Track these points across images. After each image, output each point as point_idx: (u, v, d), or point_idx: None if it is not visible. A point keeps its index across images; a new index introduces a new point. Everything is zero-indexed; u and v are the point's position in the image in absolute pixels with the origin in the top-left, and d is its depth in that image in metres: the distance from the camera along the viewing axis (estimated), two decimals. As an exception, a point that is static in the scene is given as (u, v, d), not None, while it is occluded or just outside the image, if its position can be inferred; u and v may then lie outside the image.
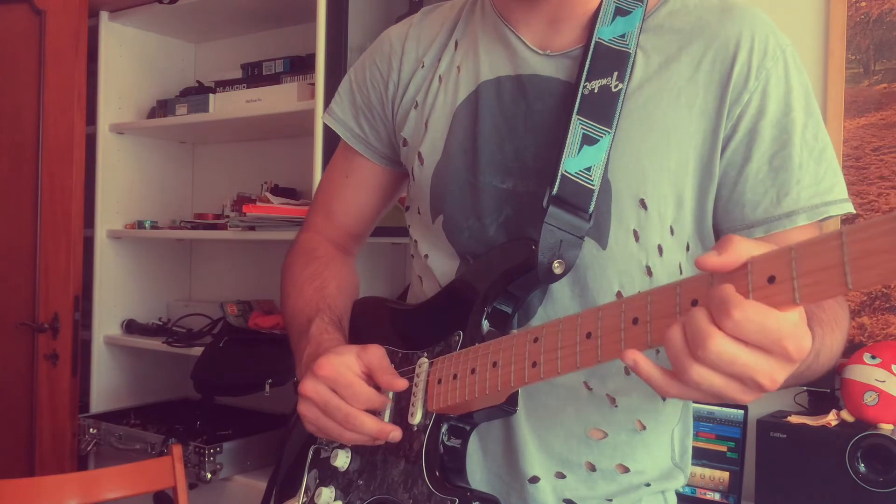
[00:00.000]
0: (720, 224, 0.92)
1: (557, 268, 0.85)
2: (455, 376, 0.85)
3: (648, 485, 0.94)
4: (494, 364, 0.80)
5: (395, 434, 0.87)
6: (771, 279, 0.57)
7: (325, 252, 1.13)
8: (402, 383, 0.88)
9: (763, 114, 0.87)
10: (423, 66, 1.03)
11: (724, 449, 1.73)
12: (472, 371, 0.83)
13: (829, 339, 0.79)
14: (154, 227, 2.82)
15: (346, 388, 0.86)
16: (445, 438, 0.87)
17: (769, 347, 0.58)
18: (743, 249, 0.60)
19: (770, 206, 0.87)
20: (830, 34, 1.80)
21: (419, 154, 1.00)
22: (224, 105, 2.57)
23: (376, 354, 0.89)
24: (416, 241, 1.03)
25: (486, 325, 0.87)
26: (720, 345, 0.58)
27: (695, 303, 0.63)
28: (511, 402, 0.83)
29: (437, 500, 0.82)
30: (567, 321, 0.74)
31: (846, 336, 0.85)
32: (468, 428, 0.88)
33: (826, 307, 0.81)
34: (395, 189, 1.14)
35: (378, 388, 0.89)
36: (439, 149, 0.97)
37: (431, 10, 1.08)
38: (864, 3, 1.79)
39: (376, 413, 0.89)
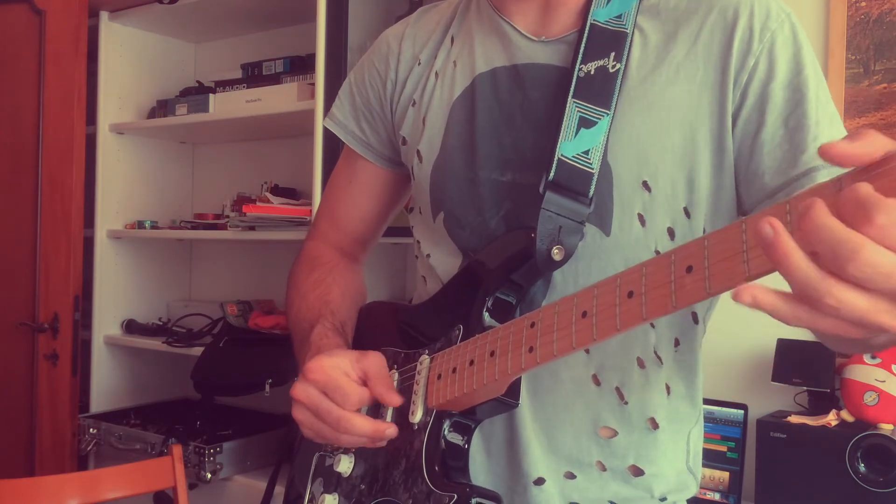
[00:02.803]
0: (743, 202, 0.87)
1: (557, 254, 0.83)
2: (454, 370, 0.83)
3: (664, 499, 0.91)
4: (492, 353, 0.79)
5: (391, 431, 0.85)
6: None
7: (330, 259, 1.11)
8: (396, 399, 0.86)
9: (773, 76, 0.83)
10: (419, 64, 1.02)
11: (724, 449, 1.73)
12: (471, 363, 0.81)
13: None
14: (154, 227, 2.82)
15: (335, 390, 0.84)
16: (447, 435, 0.85)
17: None
18: (880, 142, 0.50)
19: (788, 168, 0.81)
20: (830, 34, 1.80)
21: (418, 152, 0.99)
22: (224, 105, 2.57)
23: (374, 362, 0.87)
24: (418, 242, 1.02)
25: (487, 317, 0.85)
26: (876, 255, 0.47)
27: (689, 269, 0.59)
28: (512, 395, 0.80)
29: (436, 497, 0.81)
30: (564, 302, 0.72)
31: None
32: (472, 425, 0.86)
33: None
34: (400, 192, 1.13)
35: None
36: (437, 145, 0.96)
37: (428, 9, 1.07)
38: (864, 3, 1.79)
39: (377, 414, 0.88)
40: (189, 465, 2.17)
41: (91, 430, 2.51)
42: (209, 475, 2.19)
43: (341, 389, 0.84)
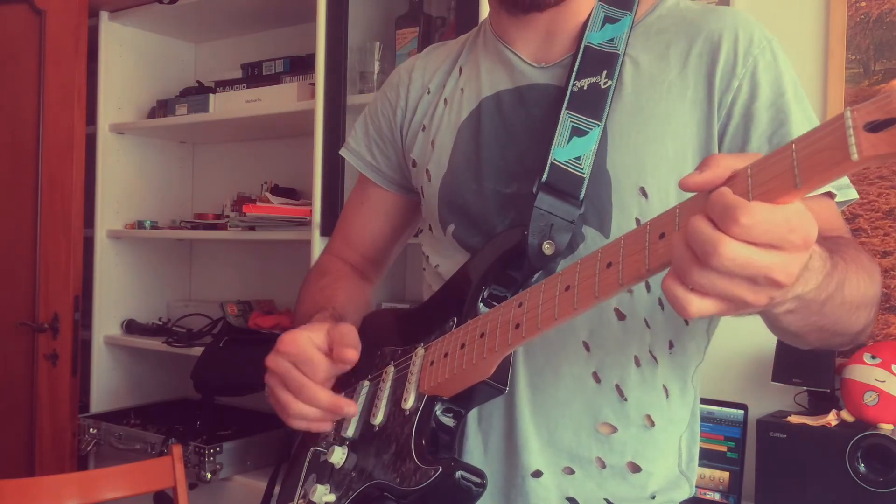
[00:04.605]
0: None
1: (548, 249, 0.88)
2: (446, 355, 0.87)
3: (654, 497, 0.94)
4: (482, 335, 0.83)
5: (350, 409, 0.89)
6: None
7: (338, 269, 1.18)
8: (351, 354, 0.88)
9: (756, 97, 0.89)
10: (428, 92, 1.09)
11: (724, 449, 1.73)
12: (462, 346, 0.85)
13: (854, 277, 0.74)
14: (154, 227, 2.82)
15: (304, 363, 0.88)
16: (438, 416, 0.87)
17: (779, 243, 0.56)
18: (724, 164, 0.60)
19: None
20: (830, 34, 1.80)
21: (427, 171, 1.04)
22: (224, 105, 2.57)
23: (341, 331, 0.90)
24: (427, 256, 1.07)
25: (482, 307, 0.89)
26: (734, 250, 0.56)
27: (662, 236, 0.65)
28: (499, 379, 0.83)
29: (422, 472, 0.82)
30: (549, 280, 0.77)
31: (879, 287, 0.81)
32: (462, 411, 0.89)
33: (845, 253, 0.75)
34: (408, 216, 1.19)
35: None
36: (445, 164, 1.02)
37: (438, 46, 1.16)
38: (864, 3, 1.79)
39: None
40: (189, 465, 2.17)
41: (91, 430, 2.51)
42: (209, 475, 2.19)
43: (310, 362, 0.88)
